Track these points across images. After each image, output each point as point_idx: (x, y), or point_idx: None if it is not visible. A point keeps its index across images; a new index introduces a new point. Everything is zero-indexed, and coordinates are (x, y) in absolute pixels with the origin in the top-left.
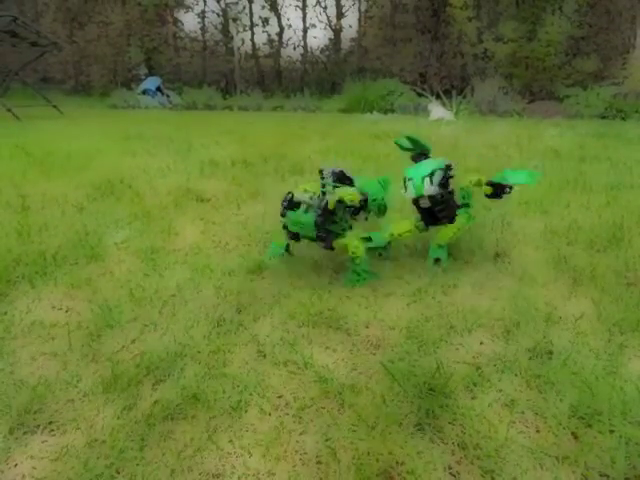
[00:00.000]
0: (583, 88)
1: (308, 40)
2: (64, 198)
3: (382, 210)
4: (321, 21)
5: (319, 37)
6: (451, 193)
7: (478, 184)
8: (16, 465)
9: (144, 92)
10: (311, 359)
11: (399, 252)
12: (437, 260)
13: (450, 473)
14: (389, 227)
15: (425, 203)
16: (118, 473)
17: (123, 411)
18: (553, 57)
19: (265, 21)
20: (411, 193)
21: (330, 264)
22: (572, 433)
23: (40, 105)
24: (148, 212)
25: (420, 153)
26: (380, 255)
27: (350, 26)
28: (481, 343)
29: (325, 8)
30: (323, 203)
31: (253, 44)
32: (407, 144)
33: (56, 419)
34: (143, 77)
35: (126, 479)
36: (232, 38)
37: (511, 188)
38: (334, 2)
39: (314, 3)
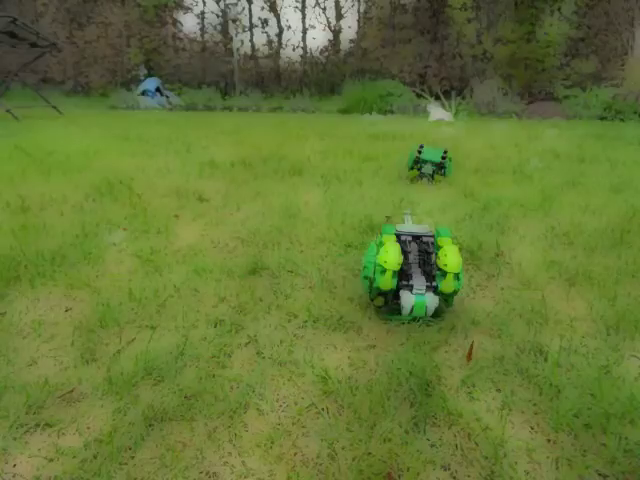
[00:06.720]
0: (582, 89)
1: (307, 41)
2: (63, 199)
3: None
4: (320, 22)
5: (318, 38)
6: None
7: None
8: (15, 465)
9: (143, 93)
10: (311, 359)
11: None
12: None
13: (449, 473)
14: None
15: None
16: (116, 473)
17: (122, 411)
18: (552, 58)
19: (264, 22)
20: None
21: (328, 266)
22: (571, 433)
23: (39, 106)
24: (147, 213)
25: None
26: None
27: (349, 27)
28: (480, 343)
29: (324, 9)
30: None
31: (252, 45)
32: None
33: (55, 419)
34: (142, 78)
35: (124, 479)
36: (231, 39)
37: None
38: (333, 3)
39: (313, 4)
